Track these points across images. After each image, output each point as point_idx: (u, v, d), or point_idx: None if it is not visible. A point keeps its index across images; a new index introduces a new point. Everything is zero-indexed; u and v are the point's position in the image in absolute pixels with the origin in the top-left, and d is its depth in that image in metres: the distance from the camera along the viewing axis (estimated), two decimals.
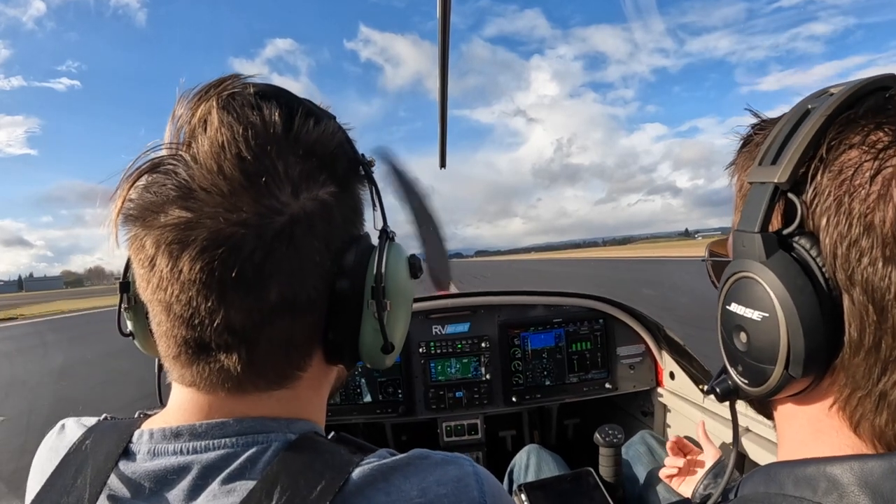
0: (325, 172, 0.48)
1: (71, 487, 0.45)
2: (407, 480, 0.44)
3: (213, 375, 0.46)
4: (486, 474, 0.48)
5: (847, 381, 0.37)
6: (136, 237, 0.44)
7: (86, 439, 0.50)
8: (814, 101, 0.41)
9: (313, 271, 0.46)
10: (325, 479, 0.42)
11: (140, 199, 0.44)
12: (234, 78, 0.48)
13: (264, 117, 0.46)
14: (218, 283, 0.42)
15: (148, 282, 0.44)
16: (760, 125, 0.47)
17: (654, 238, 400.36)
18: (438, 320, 1.99)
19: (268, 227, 0.43)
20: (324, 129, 0.48)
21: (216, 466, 0.44)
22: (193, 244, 0.41)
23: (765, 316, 0.39)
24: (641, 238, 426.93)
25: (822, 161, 0.37)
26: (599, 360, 1.99)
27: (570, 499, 1.35)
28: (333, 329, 0.50)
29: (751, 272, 0.40)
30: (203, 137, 0.44)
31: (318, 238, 0.46)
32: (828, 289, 0.37)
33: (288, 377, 0.49)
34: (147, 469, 0.45)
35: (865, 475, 0.35)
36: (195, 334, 0.44)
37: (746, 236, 0.41)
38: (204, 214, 0.42)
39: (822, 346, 0.37)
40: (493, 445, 2.09)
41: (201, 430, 0.46)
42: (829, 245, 0.36)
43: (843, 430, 0.39)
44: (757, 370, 0.41)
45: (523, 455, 1.64)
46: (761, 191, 0.40)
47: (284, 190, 0.44)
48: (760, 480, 0.43)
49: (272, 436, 0.47)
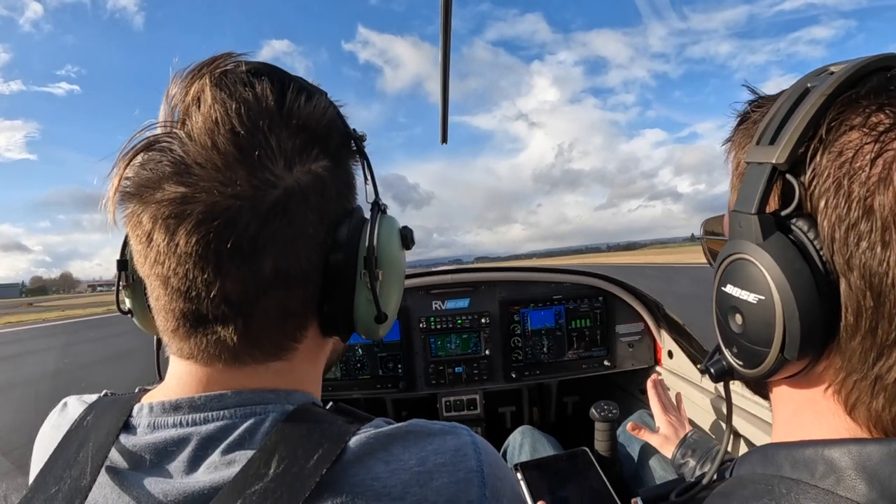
0: (318, 146, 0.49)
1: (73, 462, 0.46)
2: (406, 450, 0.45)
3: (210, 347, 0.47)
4: (484, 444, 0.49)
5: (843, 364, 0.37)
6: (133, 213, 0.45)
7: (87, 415, 0.51)
8: (813, 80, 0.40)
9: (307, 243, 0.47)
10: (322, 448, 0.43)
11: (136, 177, 0.45)
12: (227, 56, 0.49)
13: (257, 93, 0.46)
14: (214, 254, 0.43)
15: (146, 257, 0.45)
16: (758, 102, 0.46)
17: (661, 244, 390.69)
18: (439, 296, 1.99)
19: (262, 200, 0.44)
20: (315, 105, 0.49)
21: (215, 438, 0.45)
22: (189, 217, 0.42)
23: (760, 299, 0.39)
24: (646, 244, 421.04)
25: (822, 142, 0.37)
26: (599, 338, 2.00)
27: (567, 477, 1.37)
28: (328, 300, 0.50)
29: (747, 254, 0.40)
30: (197, 114, 0.45)
31: (311, 210, 0.47)
32: (825, 272, 0.36)
33: (284, 348, 0.50)
34: (147, 441, 0.46)
35: (863, 459, 0.34)
36: (192, 307, 0.45)
37: (743, 217, 0.40)
38: (199, 189, 0.42)
39: (817, 330, 0.37)
40: (492, 421, 2.11)
41: (200, 403, 0.47)
42: (828, 228, 0.36)
43: (838, 413, 0.39)
44: (752, 352, 0.41)
45: (517, 436, 1.66)
46: (759, 171, 0.40)
47: (278, 163, 0.45)
48: (757, 461, 0.43)
49: (270, 407, 0.47)
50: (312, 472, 0.41)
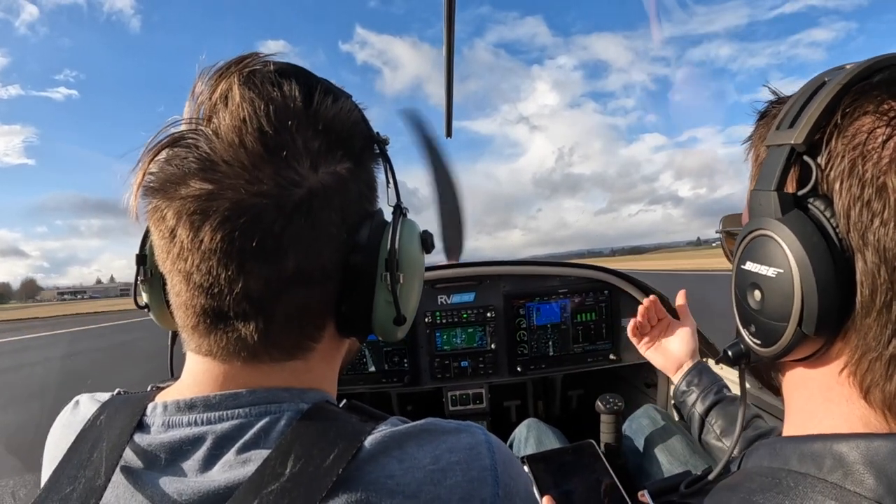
0: (342, 148, 0.49)
1: (87, 462, 0.46)
2: (420, 448, 0.45)
3: (230, 345, 0.47)
4: (497, 442, 0.49)
5: (858, 343, 0.38)
6: (157, 209, 0.45)
7: (100, 414, 0.51)
8: (829, 75, 0.42)
9: (329, 243, 0.48)
10: (338, 447, 0.43)
11: (161, 172, 0.45)
12: (255, 56, 0.49)
13: (284, 93, 0.47)
14: (238, 252, 0.43)
15: (168, 252, 0.45)
16: (778, 100, 0.48)
17: (668, 247, 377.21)
18: (444, 290, 2.00)
19: (287, 199, 0.44)
20: (341, 107, 0.49)
21: (230, 436, 0.45)
22: (215, 214, 0.42)
23: (780, 272, 0.40)
24: (649, 248, 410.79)
25: (837, 127, 0.38)
26: (604, 331, 2.00)
27: (573, 469, 1.37)
28: (347, 301, 0.51)
29: (767, 229, 0.41)
30: (224, 112, 0.45)
31: (334, 211, 0.47)
32: (841, 249, 0.37)
33: (302, 348, 0.50)
34: (162, 440, 0.46)
35: (871, 454, 0.35)
36: (214, 303, 0.45)
37: (763, 195, 0.42)
38: (225, 186, 0.43)
39: (834, 305, 0.37)
40: (497, 415, 2.12)
41: (215, 401, 0.47)
42: (843, 207, 0.37)
43: (853, 398, 0.39)
44: (770, 328, 0.42)
45: (523, 429, 1.66)
46: (778, 153, 0.41)
47: (303, 163, 0.45)
48: (765, 454, 0.43)
49: (284, 405, 0.47)
50: (329, 471, 0.41)
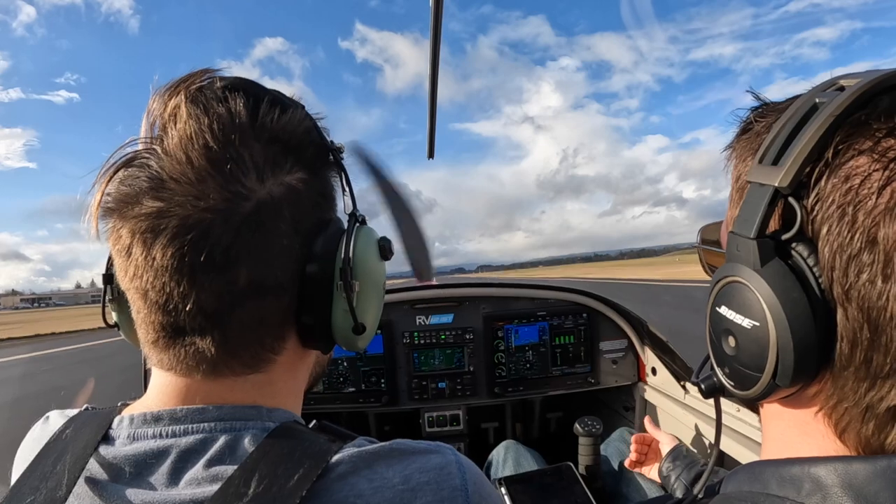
0: (292, 158, 0.49)
1: (50, 473, 0.46)
2: (390, 468, 0.45)
3: (189, 358, 0.47)
4: (468, 463, 0.49)
5: (834, 391, 0.37)
6: (114, 228, 0.46)
7: (66, 428, 0.51)
8: (822, 95, 0.38)
9: (282, 254, 0.48)
10: (303, 467, 0.42)
11: (116, 192, 0.46)
12: (203, 72, 0.50)
13: (230, 108, 0.47)
14: (189, 267, 0.44)
15: (125, 271, 0.46)
16: (761, 112, 0.44)
17: (677, 249, 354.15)
18: (423, 311, 1.99)
19: (235, 212, 0.44)
20: (290, 117, 0.50)
21: (195, 451, 0.45)
22: (165, 231, 0.43)
23: (755, 325, 0.38)
24: (658, 250, 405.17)
25: (828, 165, 0.35)
26: (583, 354, 2.00)
27: (551, 492, 1.36)
28: (305, 311, 0.51)
29: (743, 279, 0.38)
30: (173, 130, 0.46)
31: (285, 222, 0.47)
32: (822, 300, 0.35)
33: (262, 360, 0.50)
34: (126, 453, 0.46)
35: (850, 477, 0.34)
36: (170, 319, 0.46)
37: (741, 241, 0.39)
38: (174, 203, 0.44)
39: (811, 359, 0.36)
40: (475, 437, 2.10)
41: (181, 415, 0.47)
42: (828, 255, 0.35)
43: (828, 436, 0.39)
44: (744, 375, 0.40)
45: (500, 450, 1.65)
46: (760, 193, 0.38)
47: (250, 176, 0.46)
48: (744, 478, 0.42)
49: (251, 423, 0.47)
50: (293, 492, 0.41)
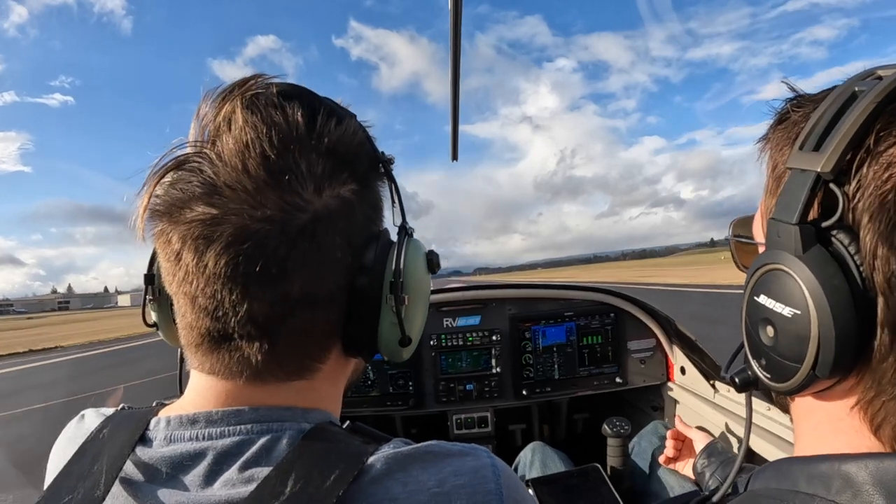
0: (347, 170, 0.49)
1: (87, 473, 0.46)
2: (424, 471, 0.45)
3: (233, 364, 0.47)
4: (503, 466, 0.49)
5: (872, 383, 0.36)
6: (163, 232, 0.46)
7: (103, 428, 0.51)
8: (860, 84, 0.38)
9: (334, 267, 0.48)
10: (339, 468, 0.43)
11: (166, 196, 0.46)
12: (258, 77, 0.49)
13: (287, 117, 0.47)
14: (242, 276, 0.44)
15: (174, 275, 0.46)
16: (798, 102, 0.44)
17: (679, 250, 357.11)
18: (449, 313, 2.00)
19: (291, 224, 0.44)
20: (345, 129, 0.50)
21: (231, 453, 0.45)
22: (219, 239, 0.43)
23: (796, 313, 0.37)
24: (658, 251, 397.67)
25: (869, 152, 0.35)
26: (610, 355, 1.98)
27: (578, 493, 1.35)
28: (353, 322, 0.51)
29: (785, 266, 0.38)
30: (228, 136, 0.46)
31: (339, 234, 0.48)
32: (863, 288, 0.35)
33: (307, 368, 0.50)
34: (163, 454, 0.46)
35: (881, 474, 0.34)
36: (219, 325, 0.46)
37: (783, 227, 0.39)
38: (229, 211, 0.43)
39: (852, 349, 0.35)
40: (502, 439, 2.10)
41: (217, 418, 0.47)
42: (870, 244, 0.34)
43: (862, 431, 0.38)
44: (782, 367, 0.40)
45: (528, 452, 1.65)
46: (802, 178, 0.38)
47: (307, 187, 0.46)
48: (772, 475, 0.42)
49: (287, 424, 0.47)
50: (329, 493, 0.41)
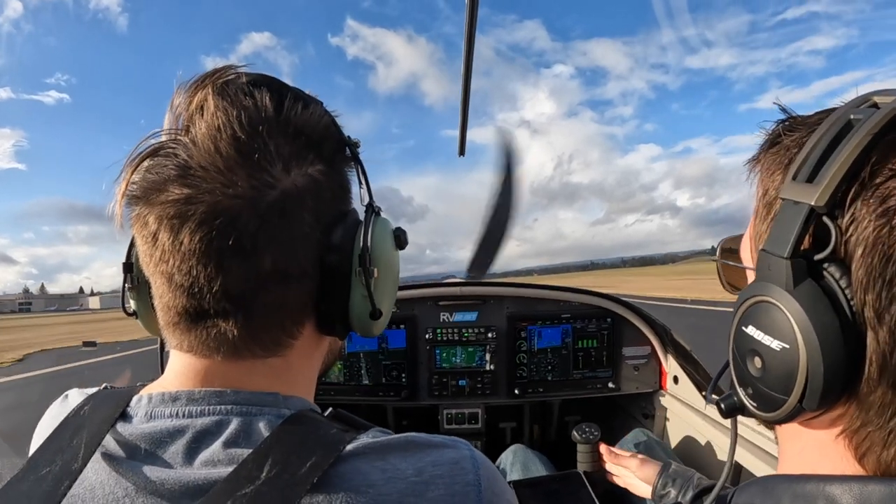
0: (314, 151, 0.51)
1: (67, 447, 0.47)
2: (404, 460, 0.45)
3: (210, 340, 0.49)
4: (482, 458, 0.49)
5: (858, 414, 0.36)
6: (140, 216, 0.48)
7: (85, 405, 0.52)
8: (857, 112, 0.38)
9: (304, 242, 0.50)
10: (316, 454, 0.43)
11: (143, 181, 0.47)
12: (228, 68, 0.52)
13: (256, 101, 0.49)
14: (216, 251, 0.45)
15: (151, 256, 0.48)
16: (790, 126, 0.44)
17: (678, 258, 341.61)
18: (447, 307, 2.00)
19: (261, 200, 0.46)
20: (312, 113, 0.52)
21: (210, 432, 0.46)
22: (193, 217, 0.45)
23: (784, 347, 0.37)
24: (656, 259, 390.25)
25: (864, 185, 0.35)
26: (605, 359, 1.99)
27: (558, 498, 1.36)
28: (324, 297, 0.52)
29: (775, 299, 0.38)
30: (200, 121, 0.48)
31: (308, 211, 0.50)
32: (853, 322, 0.35)
33: (281, 344, 0.52)
34: (143, 431, 0.47)
35: (865, 498, 0.34)
36: (195, 302, 0.47)
37: (774, 260, 0.38)
38: (202, 190, 0.45)
39: (839, 383, 0.36)
40: (492, 436, 2.11)
41: (199, 396, 0.48)
42: (862, 279, 0.34)
43: (847, 458, 0.38)
44: (769, 397, 0.40)
45: (509, 454, 1.67)
46: (794, 211, 0.37)
47: (276, 166, 0.48)
48: (757, 492, 0.42)
49: (267, 409, 0.48)
50: (304, 479, 0.41)
